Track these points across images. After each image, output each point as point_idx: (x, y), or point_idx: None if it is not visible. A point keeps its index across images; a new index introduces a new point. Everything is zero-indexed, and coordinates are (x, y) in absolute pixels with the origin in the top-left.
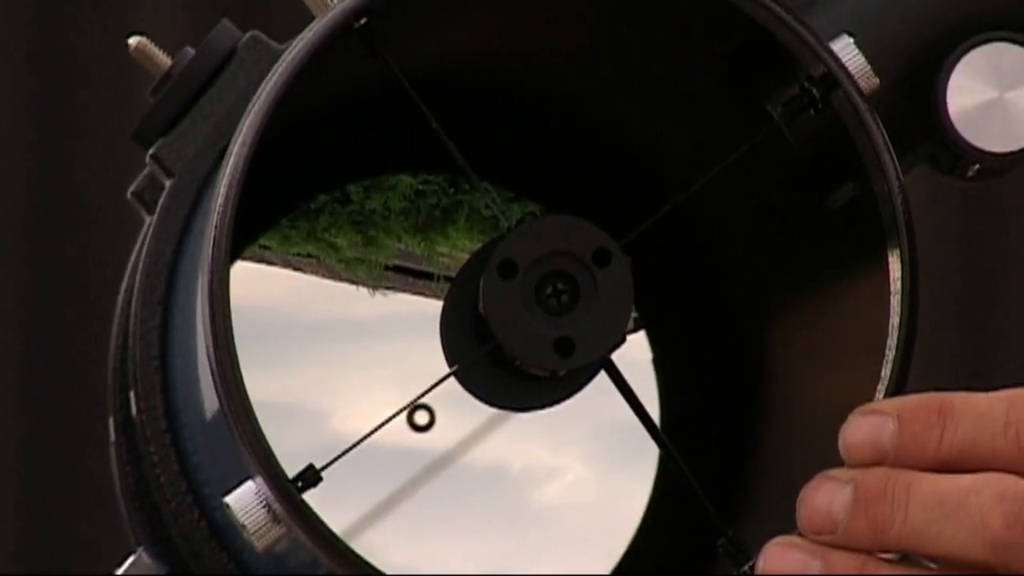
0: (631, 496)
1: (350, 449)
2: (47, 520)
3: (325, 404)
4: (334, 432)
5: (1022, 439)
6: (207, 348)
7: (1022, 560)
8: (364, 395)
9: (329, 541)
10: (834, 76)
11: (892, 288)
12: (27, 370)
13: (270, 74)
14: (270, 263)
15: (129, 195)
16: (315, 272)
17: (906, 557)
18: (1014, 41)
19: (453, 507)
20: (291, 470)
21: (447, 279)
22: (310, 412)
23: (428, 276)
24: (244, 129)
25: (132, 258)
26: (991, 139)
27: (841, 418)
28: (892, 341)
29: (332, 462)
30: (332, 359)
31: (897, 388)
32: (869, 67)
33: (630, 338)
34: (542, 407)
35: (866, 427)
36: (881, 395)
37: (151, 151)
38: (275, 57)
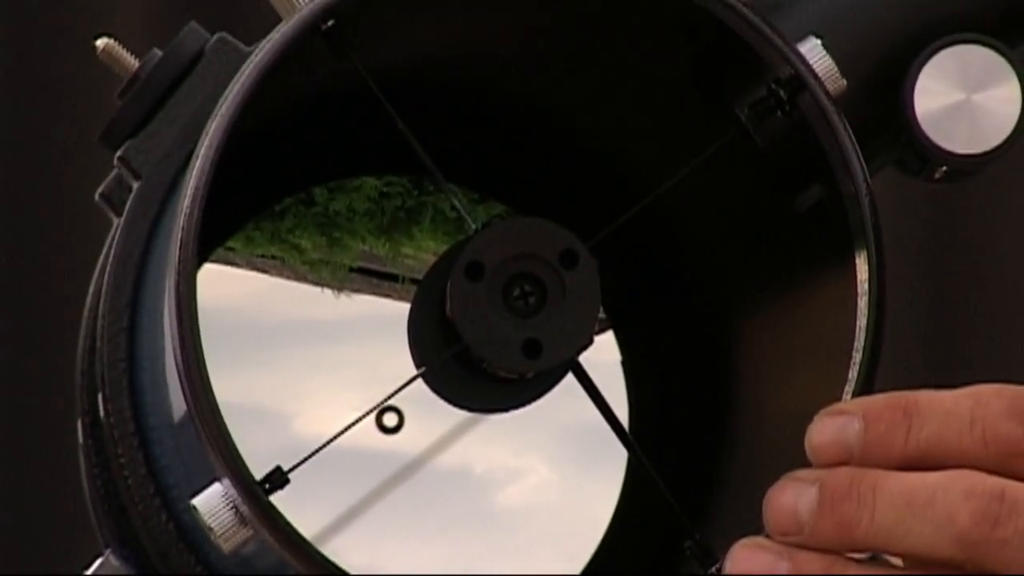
0: (597, 499)
1: (318, 451)
2: (16, 521)
3: (291, 406)
4: (300, 434)
5: (988, 436)
6: (174, 350)
7: (991, 557)
8: (330, 397)
9: (296, 543)
10: (801, 78)
11: (859, 290)
12: (5, 375)
13: (237, 76)
14: (235, 265)
15: (97, 197)
16: (280, 274)
17: (874, 556)
18: (981, 43)
19: (419, 509)
20: (258, 472)
21: (412, 281)
22: (276, 414)
23: (393, 278)
24: (211, 131)
25: (100, 260)
26: (958, 141)
27: (808, 419)
28: (859, 343)
29: (299, 464)
30: (298, 361)
31: (864, 389)
32: (836, 69)
33: (598, 340)
34: (509, 409)
35: (832, 427)
36: (848, 396)
37: (119, 153)
38: (242, 59)
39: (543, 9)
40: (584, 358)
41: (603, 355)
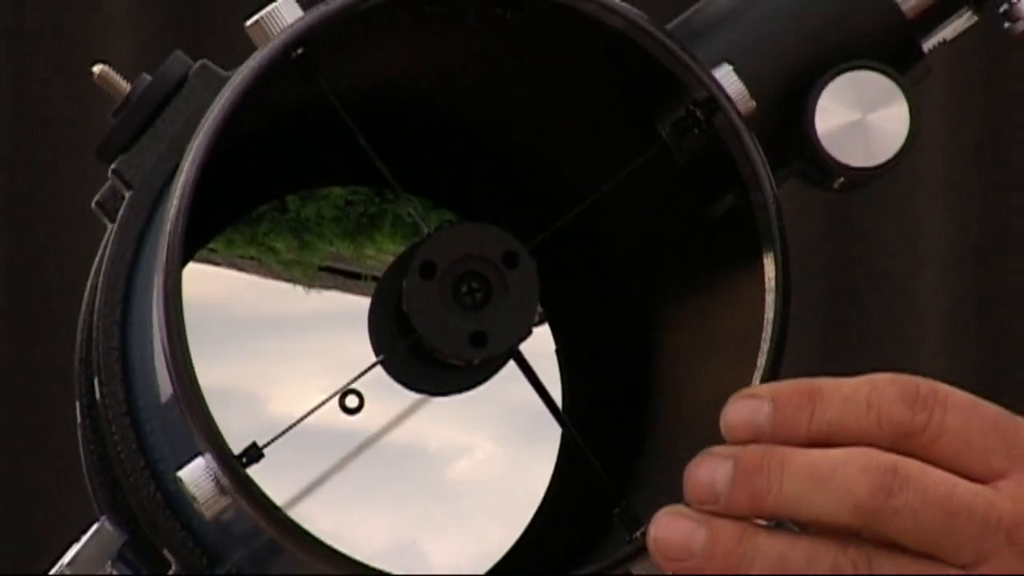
0: (535, 471)
1: (289, 428)
2: (25, 489)
3: (265, 390)
4: (273, 415)
5: (883, 418)
6: (162, 340)
7: (884, 524)
8: (300, 382)
9: (270, 510)
10: (716, 100)
11: (768, 286)
12: (9, 361)
13: (217, 98)
14: (216, 264)
15: (93, 205)
16: (256, 272)
17: (781, 523)
18: (875, 69)
19: (378, 481)
20: (236, 448)
21: (374, 279)
22: (252, 397)
23: (357, 276)
24: (194, 147)
25: (96, 261)
26: (854, 156)
27: (723, 401)
28: (767, 333)
29: (273, 440)
30: (272, 350)
31: (772, 374)
32: (747, 92)
33: (536, 331)
34: (458, 392)
35: (745, 409)
36: (758, 381)
37: (113, 166)
38: (222, 83)
39: (490, 40)
40: (524, 347)
41: (541, 345)
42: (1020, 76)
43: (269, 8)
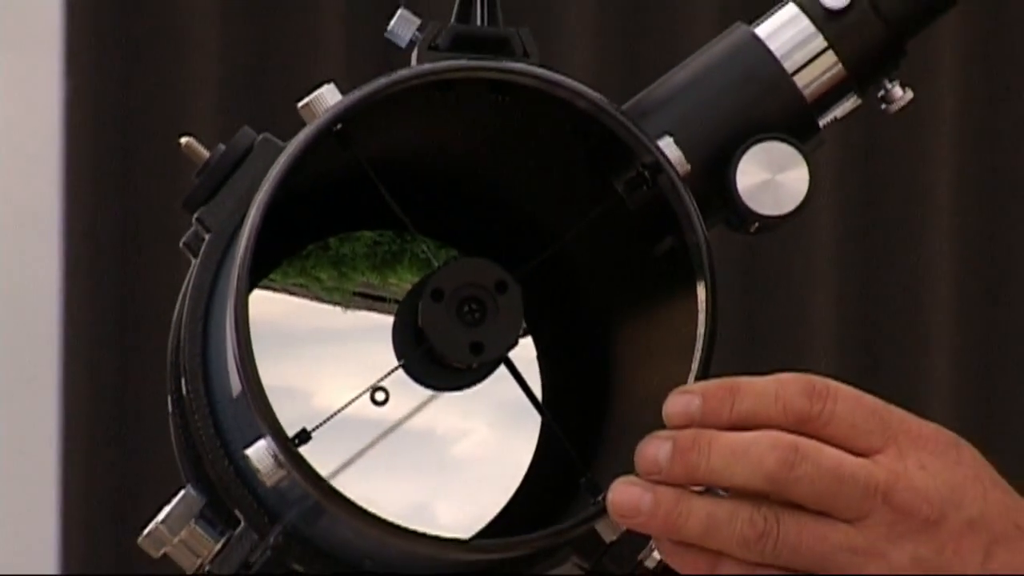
0: (521, 451)
1: (332, 417)
2: (131, 463)
3: (312, 387)
4: (318, 406)
5: (787, 408)
6: (233, 348)
7: (788, 490)
8: (339, 380)
9: (316, 480)
10: (660, 164)
11: (700, 307)
12: (119, 367)
13: (275, 163)
14: (274, 290)
15: (181, 245)
16: (305, 296)
17: (709, 489)
18: (782, 140)
19: (398, 457)
20: (289, 431)
21: (396, 301)
22: (302, 392)
23: (382, 299)
24: (258, 201)
25: (183, 288)
26: (767, 207)
27: (665, 396)
28: (699, 344)
29: (319, 426)
30: (317, 356)
31: (702, 375)
32: (683, 157)
33: (521, 341)
34: (461, 388)
35: (681, 402)
36: (692, 380)
37: (196, 215)
38: (279, 152)
39: (485, 117)
40: (512, 354)
41: (525, 352)
42: (891, 146)
43: (315, 93)
